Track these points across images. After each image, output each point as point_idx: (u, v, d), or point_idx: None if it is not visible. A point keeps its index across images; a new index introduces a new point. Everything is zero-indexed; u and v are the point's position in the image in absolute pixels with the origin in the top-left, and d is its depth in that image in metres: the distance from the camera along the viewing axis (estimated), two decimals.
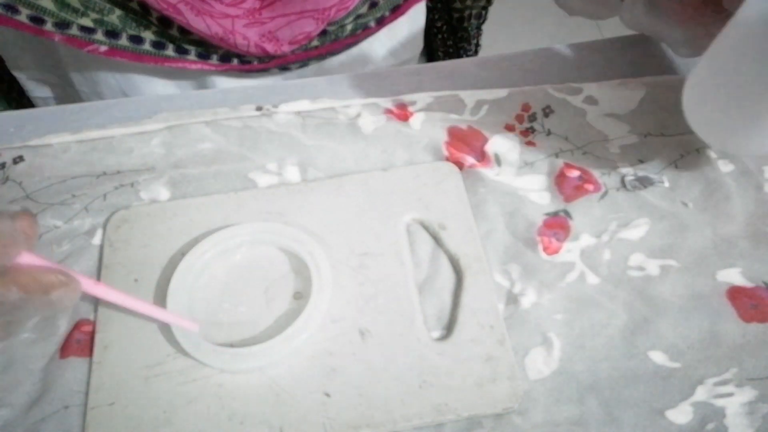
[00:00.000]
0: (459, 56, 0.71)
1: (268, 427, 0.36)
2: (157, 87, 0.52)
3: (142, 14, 0.48)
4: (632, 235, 0.43)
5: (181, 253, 0.41)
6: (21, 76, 0.57)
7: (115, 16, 0.48)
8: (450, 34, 0.70)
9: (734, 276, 0.41)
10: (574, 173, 0.45)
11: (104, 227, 0.44)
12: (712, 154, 0.46)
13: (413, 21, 0.60)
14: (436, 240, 0.43)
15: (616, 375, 0.38)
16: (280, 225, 0.42)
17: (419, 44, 0.61)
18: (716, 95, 0.39)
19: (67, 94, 0.58)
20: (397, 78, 0.51)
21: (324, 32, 0.52)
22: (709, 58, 0.38)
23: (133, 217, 0.44)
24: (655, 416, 0.36)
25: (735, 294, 0.40)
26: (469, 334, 0.39)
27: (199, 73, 0.52)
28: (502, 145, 0.47)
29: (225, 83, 0.52)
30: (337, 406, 0.36)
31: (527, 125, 0.48)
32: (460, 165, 0.46)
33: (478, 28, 0.69)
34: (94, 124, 0.49)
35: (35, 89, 0.59)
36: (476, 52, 0.72)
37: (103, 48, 0.48)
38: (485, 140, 0.47)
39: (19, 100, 0.63)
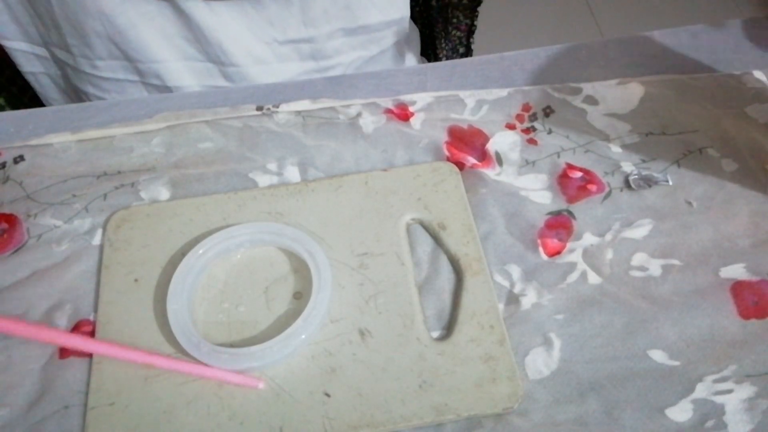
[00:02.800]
0: (431, 30, 0.73)
1: (268, 427, 0.36)
2: (142, 31, 0.52)
3: None
4: (635, 234, 0.43)
5: (181, 253, 0.41)
6: (12, 47, 0.57)
7: None
8: (425, 7, 0.72)
9: (739, 271, 0.41)
10: (577, 174, 0.45)
11: (104, 227, 0.44)
12: (715, 154, 0.46)
13: None
14: (436, 240, 0.43)
15: (616, 374, 0.38)
16: (280, 225, 0.42)
17: (406, 5, 0.61)
18: None
19: (57, 60, 0.58)
20: (397, 78, 0.51)
21: None
22: None
23: (133, 217, 0.44)
24: (655, 414, 0.36)
25: (739, 289, 0.40)
26: (469, 334, 0.39)
27: (183, 4, 0.51)
28: (503, 143, 0.47)
29: (207, 15, 0.52)
30: (337, 406, 0.36)
31: (528, 124, 0.48)
32: (460, 165, 0.46)
33: (442, 10, 0.70)
34: (95, 123, 0.49)
35: (26, 63, 0.59)
36: (446, 36, 0.73)
37: None
38: (486, 139, 0.47)
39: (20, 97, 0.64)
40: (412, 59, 0.68)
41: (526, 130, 0.48)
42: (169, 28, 0.53)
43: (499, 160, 0.46)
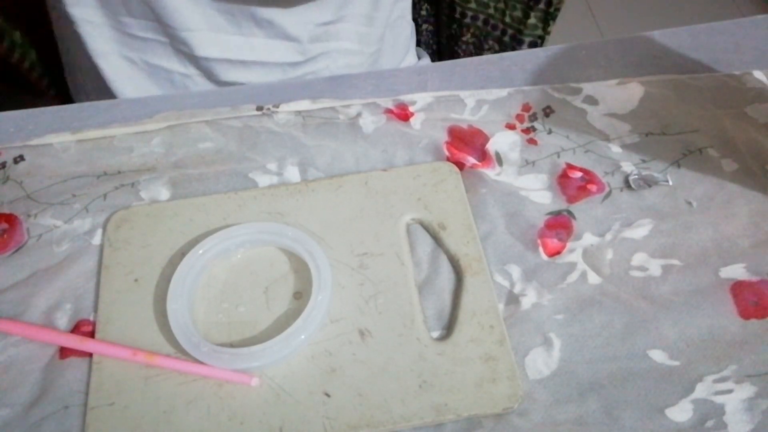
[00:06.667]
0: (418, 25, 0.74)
1: (268, 427, 0.36)
2: None
3: None
4: (635, 234, 0.43)
5: (181, 253, 0.41)
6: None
7: None
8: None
9: (739, 271, 0.41)
10: (577, 174, 0.45)
11: (104, 227, 0.44)
12: (715, 154, 0.46)
13: None
14: (436, 240, 0.43)
15: (616, 374, 0.38)
16: (280, 225, 0.42)
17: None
18: None
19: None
20: (398, 78, 0.51)
21: None
22: None
23: (133, 217, 0.44)
24: (655, 414, 0.36)
25: (739, 289, 0.40)
26: (469, 334, 0.39)
27: None
28: (503, 143, 0.47)
29: None
30: (337, 406, 0.36)
31: (528, 124, 0.48)
32: (460, 165, 0.46)
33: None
34: (95, 123, 0.49)
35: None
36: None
37: None
38: (486, 139, 0.47)
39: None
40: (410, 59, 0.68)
41: (526, 130, 0.48)
42: None
43: (499, 160, 0.46)
